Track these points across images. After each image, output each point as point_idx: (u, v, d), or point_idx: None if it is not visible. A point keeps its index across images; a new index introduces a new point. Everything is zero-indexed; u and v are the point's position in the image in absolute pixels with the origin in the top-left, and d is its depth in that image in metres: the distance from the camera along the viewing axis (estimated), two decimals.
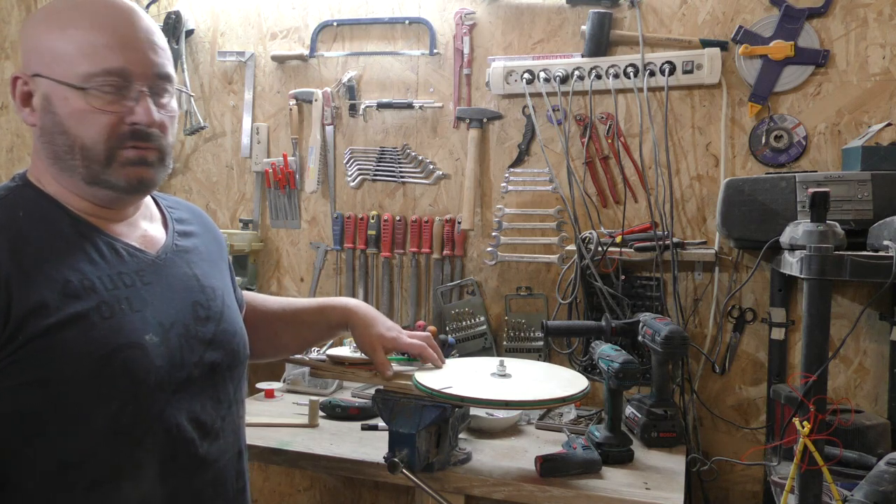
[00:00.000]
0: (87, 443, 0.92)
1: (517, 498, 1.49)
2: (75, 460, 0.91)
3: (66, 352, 0.89)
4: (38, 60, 0.97)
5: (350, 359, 1.58)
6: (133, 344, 0.94)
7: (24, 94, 0.98)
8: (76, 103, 0.95)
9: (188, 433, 1.00)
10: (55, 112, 0.96)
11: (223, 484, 1.07)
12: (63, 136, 0.96)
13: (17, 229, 0.92)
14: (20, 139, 2.83)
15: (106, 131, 0.96)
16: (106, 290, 0.94)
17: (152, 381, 0.95)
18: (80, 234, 0.97)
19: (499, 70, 2.14)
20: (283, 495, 2.48)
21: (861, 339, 1.91)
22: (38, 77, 0.97)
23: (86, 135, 0.95)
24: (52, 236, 0.95)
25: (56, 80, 0.95)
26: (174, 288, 1.04)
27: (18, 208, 0.95)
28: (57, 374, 0.88)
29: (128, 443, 0.94)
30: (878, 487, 1.25)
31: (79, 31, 0.95)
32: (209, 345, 1.06)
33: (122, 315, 0.94)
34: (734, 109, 2.00)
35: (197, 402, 1.02)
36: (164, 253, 1.07)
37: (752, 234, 1.76)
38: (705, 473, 1.90)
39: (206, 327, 1.06)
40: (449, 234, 2.26)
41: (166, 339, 0.99)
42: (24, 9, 2.77)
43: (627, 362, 1.62)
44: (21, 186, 0.99)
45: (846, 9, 1.89)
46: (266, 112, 2.49)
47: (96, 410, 0.91)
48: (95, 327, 0.91)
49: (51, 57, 0.96)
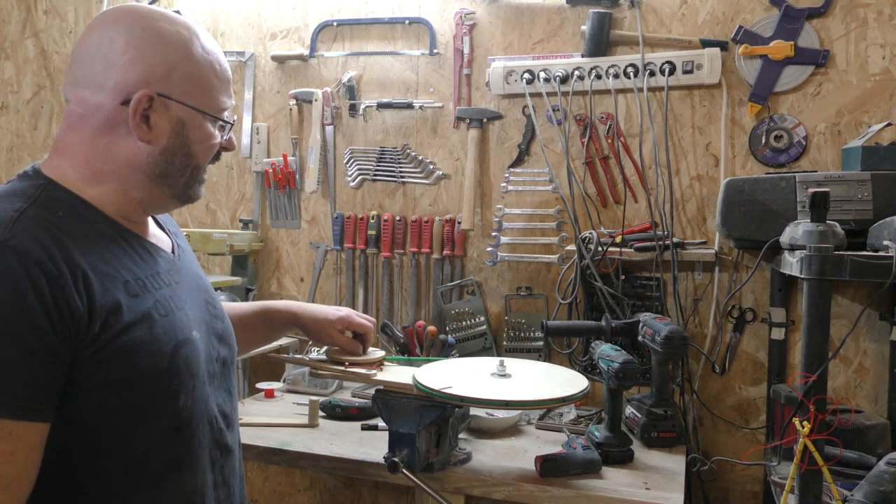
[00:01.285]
0: (152, 439, 0.94)
1: (517, 498, 1.49)
2: (141, 456, 0.93)
3: (140, 350, 0.91)
4: (174, 85, 0.98)
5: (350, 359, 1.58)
6: (188, 340, 0.99)
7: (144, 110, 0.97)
8: (208, 132, 1.03)
9: (220, 423, 1.06)
10: (187, 136, 1.01)
11: (237, 471, 1.13)
12: (185, 158, 1.02)
13: (66, 229, 0.91)
14: (20, 139, 2.83)
15: (212, 156, 1.06)
16: (155, 290, 0.98)
17: (202, 375, 1.01)
18: (119, 235, 0.99)
19: (499, 70, 2.14)
20: (283, 495, 2.48)
21: (861, 339, 1.91)
22: (168, 100, 0.98)
23: (202, 158, 1.04)
24: (96, 236, 0.95)
25: (195, 108, 1.00)
26: (192, 287, 1.08)
27: (57, 208, 0.94)
28: (136, 373, 0.91)
29: (185, 436, 0.98)
30: (878, 487, 1.25)
31: (214, 67, 1.03)
32: (221, 340, 1.11)
33: (174, 312, 0.98)
34: (734, 109, 2.00)
35: (220, 395, 1.08)
36: (176, 253, 1.11)
37: (752, 234, 1.76)
38: (705, 473, 1.90)
39: (216, 324, 1.11)
40: (449, 234, 2.26)
41: (201, 334, 1.04)
42: (24, 9, 2.77)
43: (627, 362, 1.62)
44: (47, 185, 0.96)
45: (846, 9, 1.89)
46: (266, 112, 2.49)
47: (167, 405, 0.95)
48: (158, 325, 0.94)
49: (192, 85, 0.99)
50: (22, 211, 0.88)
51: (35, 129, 2.81)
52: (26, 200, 0.91)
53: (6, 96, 2.84)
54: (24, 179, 0.97)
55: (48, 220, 0.89)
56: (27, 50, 2.80)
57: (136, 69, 0.95)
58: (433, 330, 1.94)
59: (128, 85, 0.95)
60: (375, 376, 1.54)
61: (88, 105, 0.97)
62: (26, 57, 2.80)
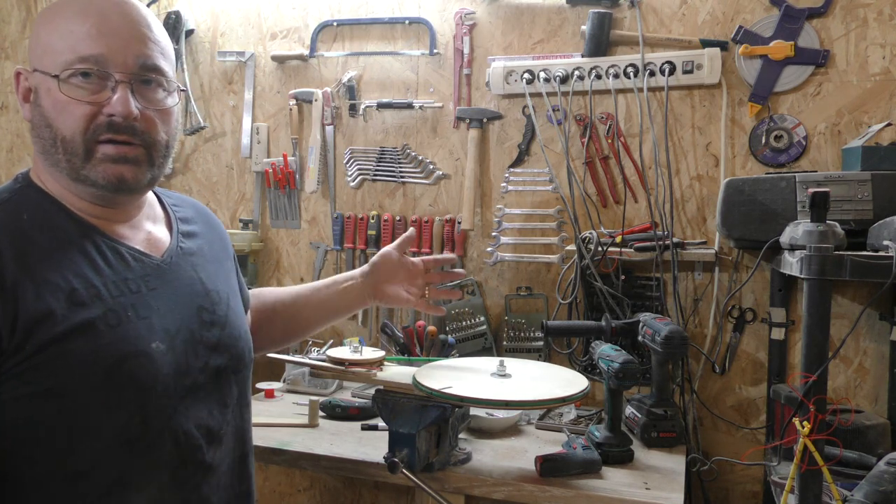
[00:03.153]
0: (96, 453, 0.90)
1: (517, 498, 1.49)
2: (84, 470, 0.89)
3: (73, 361, 0.87)
4: (33, 54, 0.97)
5: (350, 359, 1.59)
6: (139, 352, 0.93)
7: (25, 89, 0.97)
8: (55, 94, 0.93)
9: (196, 440, 0.99)
10: (41, 104, 0.95)
11: (227, 489, 1.07)
12: (48, 130, 0.94)
13: (22, 234, 0.90)
14: (20, 139, 2.83)
15: (82, 123, 0.93)
16: (111, 298, 0.93)
17: (159, 390, 0.94)
18: (84, 238, 0.95)
19: (499, 70, 2.14)
20: (283, 495, 2.48)
21: (861, 339, 1.91)
22: (35, 72, 0.96)
23: (64, 126, 0.93)
24: (56, 241, 0.93)
25: (42, 71, 0.94)
26: (179, 293, 1.03)
27: (22, 211, 0.93)
28: (65, 385, 0.87)
29: (137, 452, 0.93)
30: (878, 487, 1.25)
31: (64, 21, 0.94)
32: (214, 349, 1.05)
33: (129, 323, 0.93)
34: (734, 109, 2.00)
35: (203, 408, 1.01)
36: (168, 256, 1.05)
37: (752, 234, 1.76)
38: (705, 473, 1.90)
39: (211, 332, 1.05)
40: (449, 234, 2.26)
41: (172, 346, 0.97)
42: (24, 9, 2.77)
43: (627, 362, 1.62)
44: (24, 187, 0.97)
45: (846, 9, 1.89)
46: (266, 112, 2.49)
47: (105, 420, 0.90)
48: (102, 336, 0.90)
49: (41, 49, 0.95)
50: None
51: None
52: None
53: (6, 96, 2.84)
54: (11, 182, 0.99)
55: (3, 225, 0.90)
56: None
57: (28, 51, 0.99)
58: (433, 330, 1.94)
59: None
60: (375, 376, 1.54)
61: None
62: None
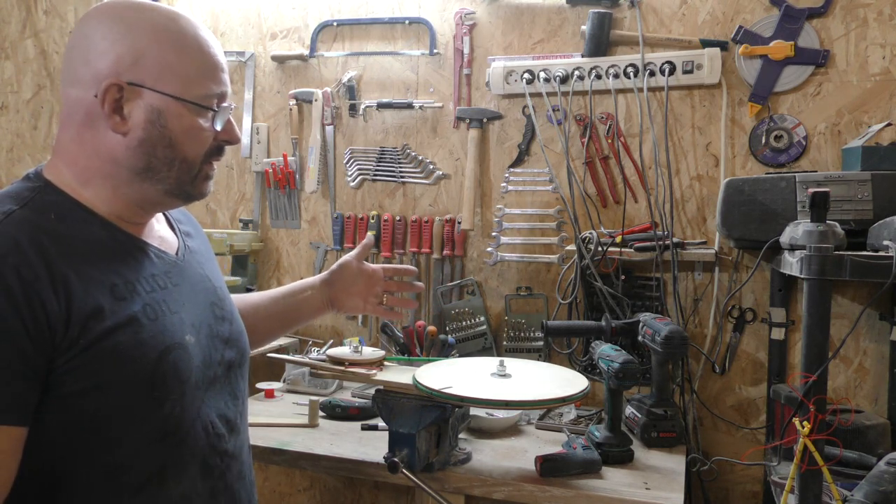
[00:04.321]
0: (138, 445, 0.92)
1: (517, 498, 1.49)
2: (125, 463, 0.91)
3: (122, 355, 0.89)
4: (144, 71, 0.94)
5: (350, 359, 1.59)
6: (178, 344, 0.96)
7: (115, 101, 0.95)
8: (191, 121, 0.98)
9: (219, 430, 1.03)
10: (166, 126, 0.96)
11: (245, 477, 1.11)
12: (167, 150, 0.98)
13: (55, 232, 0.91)
14: (20, 139, 2.83)
15: (205, 147, 1.01)
16: (146, 293, 0.96)
17: (193, 381, 0.98)
18: (111, 238, 0.97)
19: (499, 70, 2.14)
20: (283, 495, 2.48)
21: (861, 339, 1.91)
22: (140, 88, 0.95)
23: (190, 150, 0.99)
24: (87, 239, 0.94)
25: (172, 95, 0.96)
26: (196, 289, 1.06)
27: (49, 211, 0.93)
28: (116, 379, 0.89)
29: (173, 443, 0.96)
30: (878, 487, 1.25)
31: (190, 51, 0.97)
32: (227, 343, 1.09)
33: (164, 316, 0.96)
34: (734, 109, 2.00)
35: (221, 400, 1.05)
36: (181, 255, 1.09)
37: (752, 234, 1.76)
38: (705, 473, 1.90)
39: (223, 327, 1.09)
40: (449, 234, 2.26)
41: (198, 339, 1.01)
42: (24, 9, 2.77)
43: (627, 362, 1.62)
44: (43, 188, 0.97)
45: (846, 9, 1.89)
46: (266, 112, 2.49)
47: (151, 412, 0.93)
48: (144, 329, 0.92)
49: (164, 71, 0.95)
50: (9, 214, 0.88)
51: (35, 129, 2.81)
52: (18, 203, 0.91)
53: (6, 96, 2.84)
54: (24, 181, 0.98)
55: (35, 224, 0.89)
56: (27, 50, 2.80)
57: (107, 59, 0.94)
58: (433, 330, 1.94)
59: (100, 76, 0.94)
60: (375, 376, 1.54)
61: (72, 102, 0.97)
62: (26, 57, 2.80)
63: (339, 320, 2.42)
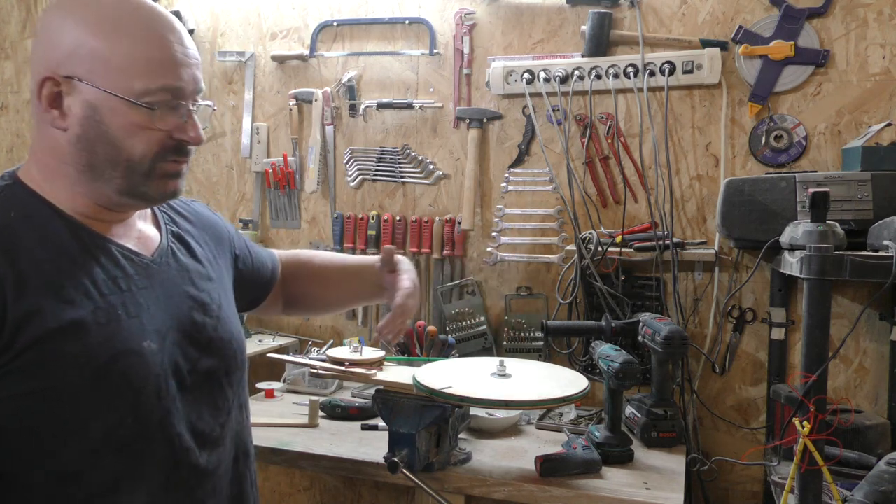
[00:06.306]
0: (86, 455, 0.88)
1: (517, 498, 1.49)
2: (74, 472, 0.87)
3: (63, 360, 0.85)
4: (78, 64, 0.91)
5: (350, 359, 1.59)
6: (131, 351, 0.91)
7: (53, 95, 0.92)
8: (130, 118, 0.92)
9: (186, 443, 0.97)
10: (102, 122, 0.92)
11: (221, 492, 1.05)
12: (108, 147, 0.92)
13: (10, 230, 0.89)
14: (20, 139, 2.83)
15: (155, 147, 0.94)
16: (101, 296, 0.91)
17: (151, 390, 0.92)
18: (73, 236, 0.94)
19: (499, 70, 2.14)
20: (283, 495, 2.48)
21: (861, 339, 1.91)
22: (77, 82, 0.91)
23: (135, 149, 0.93)
24: (45, 239, 0.91)
25: (107, 91, 0.91)
26: (170, 292, 1.01)
27: (10, 208, 0.91)
28: (55, 384, 0.85)
29: (128, 454, 0.91)
30: (878, 487, 1.25)
31: (134, 43, 0.91)
32: (205, 351, 1.03)
33: (119, 321, 0.91)
34: (734, 109, 2.00)
35: (194, 411, 0.99)
36: (159, 255, 1.03)
37: (752, 234, 1.76)
38: (705, 473, 1.90)
39: (201, 333, 1.03)
40: (449, 234, 2.26)
41: (163, 345, 0.95)
42: (24, 9, 2.77)
43: (627, 362, 1.62)
44: (12, 185, 0.95)
45: (846, 9, 1.89)
46: (266, 112, 2.49)
47: (95, 421, 0.88)
48: (92, 334, 0.88)
49: (99, 64, 0.91)
50: None
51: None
52: None
53: (6, 96, 2.84)
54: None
55: None
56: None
57: (50, 52, 0.92)
58: (433, 330, 1.94)
59: (40, 70, 0.91)
60: (375, 376, 1.54)
61: (33, 98, 0.95)
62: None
63: (339, 320, 2.42)
